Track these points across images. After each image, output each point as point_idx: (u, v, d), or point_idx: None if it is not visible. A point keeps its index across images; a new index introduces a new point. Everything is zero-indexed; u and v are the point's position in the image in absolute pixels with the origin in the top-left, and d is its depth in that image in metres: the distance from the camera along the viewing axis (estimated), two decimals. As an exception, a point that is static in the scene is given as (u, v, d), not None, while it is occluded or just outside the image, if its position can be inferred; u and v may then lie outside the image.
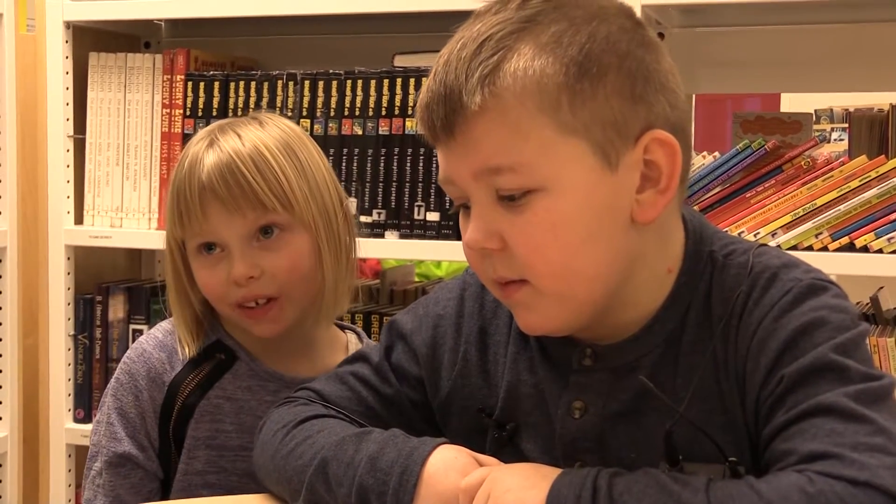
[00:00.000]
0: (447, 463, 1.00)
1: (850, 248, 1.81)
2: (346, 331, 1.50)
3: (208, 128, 1.39)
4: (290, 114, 2.09)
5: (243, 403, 1.39)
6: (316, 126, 2.08)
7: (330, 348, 1.45)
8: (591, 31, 0.98)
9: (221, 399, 1.39)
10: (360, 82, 2.05)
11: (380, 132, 2.04)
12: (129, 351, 1.42)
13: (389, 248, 2.08)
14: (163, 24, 2.45)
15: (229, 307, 1.36)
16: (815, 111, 4.47)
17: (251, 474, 1.35)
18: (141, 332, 2.10)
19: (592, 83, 0.97)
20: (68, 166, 2.25)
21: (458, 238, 1.07)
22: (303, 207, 1.34)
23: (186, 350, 1.39)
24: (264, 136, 1.35)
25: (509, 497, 0.92)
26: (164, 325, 1.44)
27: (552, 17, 0.98)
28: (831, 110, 4.68)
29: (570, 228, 0.98)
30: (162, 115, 2.20)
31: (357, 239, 1.43)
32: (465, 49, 0.98)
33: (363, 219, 2.05)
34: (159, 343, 1.41)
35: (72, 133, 2.25)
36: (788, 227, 1.84)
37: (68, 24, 2.23)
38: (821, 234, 1.82)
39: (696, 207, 1.87)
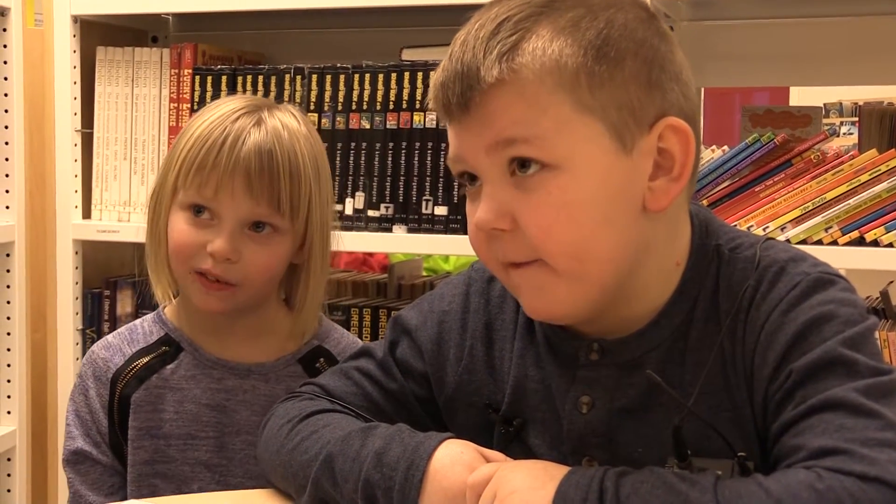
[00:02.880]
0: (453, 458, 1.00)
1: (860, 242, 1.80)
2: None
3: (251, 101, 1.39)
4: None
5: (186, 392, 1.41)
6: (323, 120, 2.07)
7: (287, 335, 1.45)
8: (608, 17, 0.98)
9: (162, 389, 1.41)
10: (367, 76, 2.05)
11: (387, 126, 2.03)
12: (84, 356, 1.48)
13: (397, 243, 2.08)
14: (170, 18, 2.45)
15: (187, 270, 1.37)
16: (825, 105, 4.45)
17: (203, 462, 1.40)
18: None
19: (610, 67, 0.97)
20: (76, 161, 2.25)
21: (466, 232, 1.06)
22: (304, 222, 1.37)
23: (162, 298, 1.42)
24: (303, 141, 1.37)
25: (515, 498, 0.91)
26: (118, 329, 1.48)
27: (570, 4, 0.99)
28: (840, 104, 4.66)
29: (582, 209, 0.97)
30: (169, 110, 2.20)
31: (336, 233, 1.45)
32: (482, 29, 0.98)
33: (371, 213, 2.05)
34: (107, 344, 1.45)
35: (79, 127, 2.25)
36: (798, 221, 1.83)
37: (76, 19, 2.22)
38: (830, 228, 1.81)
39: (705, 201, 1.86)
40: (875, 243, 1.79)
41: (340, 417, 1.14)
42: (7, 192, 2.26)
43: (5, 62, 2.24)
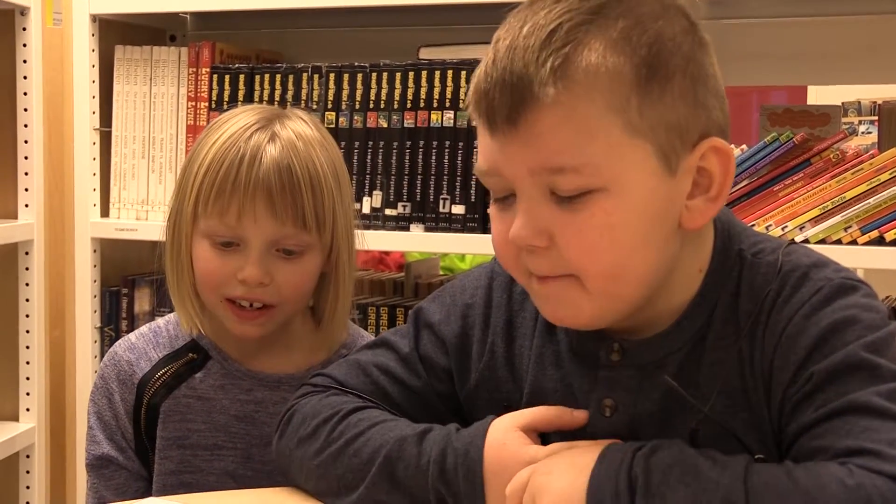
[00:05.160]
0: (502, 460, 1.01)
1: (880, 241, 1.79)
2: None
3: (262, 114, 1.34)
4: (315, 107, 2.09)
5: (215, 402, 1.38)
6: (341, 119, 2.08)
7: (314, 346, 1.42)
8: (658, 30, 0.96)
9: (191, 398, 1.38)
10: (385, 75, 2.05)
11: (405, 125, 2.04)
12: (105, 356, 1.44)
13: (414, 242, 2.08)
14: (188, 17, 2.45)
15: (218, 299, 1.33)
16: (843, 103, 4.42)
17: (230, 473, 1.37)
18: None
19: (661, 85, 0.95)
20: (94, 159, 2.26)
21: (484, 231, 1.06)
22: (331, 235, 1.33)
23: (191, 329, 1.37)
24: (318, 148, 1.33)
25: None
26: (140, 329, 1.44)
27: (618, 11, 0.96)
28: (859, 103, 4.63)
29: (625, 231, 0.96)
30: (187, 108, 2.20)
31: (357, 231, 1.42)
32: (532, 37, 0.94)
33: (388, 212, 2.05)
34: (130, 346, 1.42)
35: (98, 126, 2.26)
36: (817, 220, 1.82)
37: (94, 18, 2.23)
38: (850, 227, 1.80)
39: (723, 201, 1.86)
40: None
41: (380, 414, 1.13)
42: (26, 190, 2.27)
43: (24, 61, 2.25)
